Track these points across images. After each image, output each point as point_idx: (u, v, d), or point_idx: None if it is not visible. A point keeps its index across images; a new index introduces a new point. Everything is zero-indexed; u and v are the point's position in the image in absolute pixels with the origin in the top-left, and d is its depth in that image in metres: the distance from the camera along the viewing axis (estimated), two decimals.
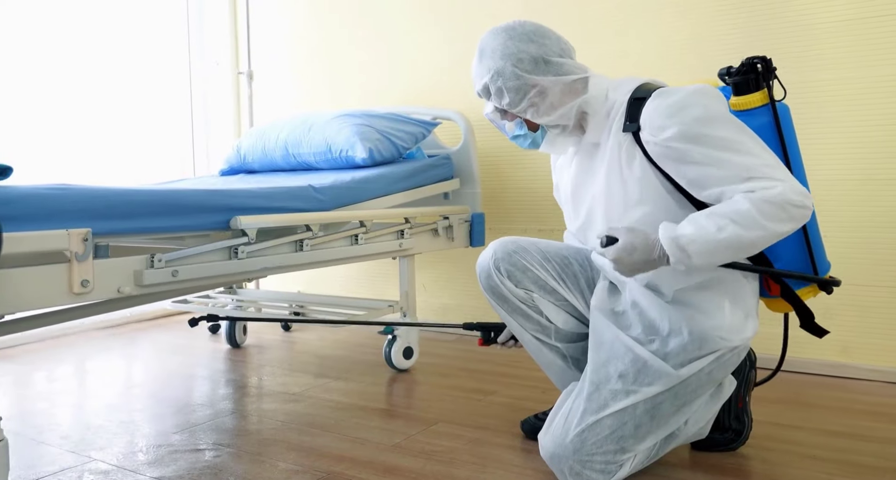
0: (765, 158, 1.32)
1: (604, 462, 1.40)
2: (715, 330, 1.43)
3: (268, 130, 2.59)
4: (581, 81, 1.47)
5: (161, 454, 1.64)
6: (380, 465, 1.57)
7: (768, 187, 1.27)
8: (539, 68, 1.44)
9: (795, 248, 1.49)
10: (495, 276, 1.61)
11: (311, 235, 1.93)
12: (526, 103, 1.46)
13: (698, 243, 1.28)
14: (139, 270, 1.51)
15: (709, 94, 1.37)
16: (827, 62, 2.21)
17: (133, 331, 3.08)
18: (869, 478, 1.48)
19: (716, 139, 1.32)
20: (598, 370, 1.45)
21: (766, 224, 1.26)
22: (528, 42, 1.44)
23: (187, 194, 1.65)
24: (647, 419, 1.42)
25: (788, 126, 1.51)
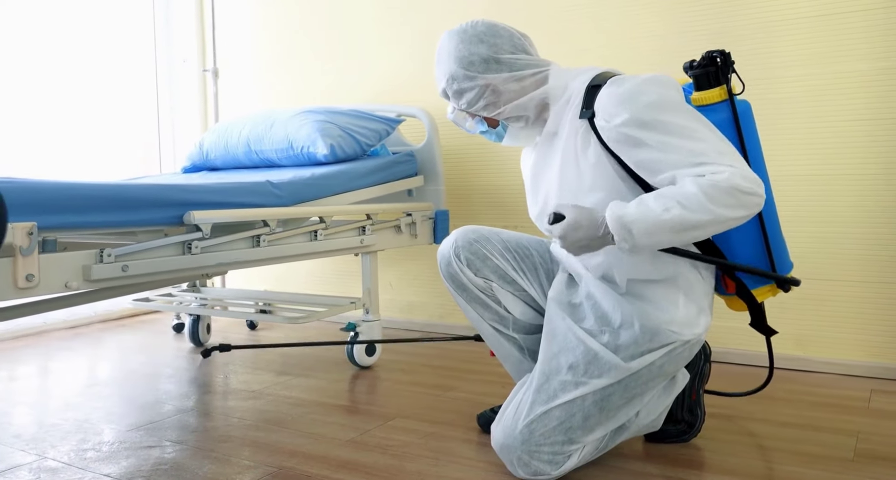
0: (717, 144, 1.32)
1: (551, 453, 1.41)
2: (667, 324, 1.45)
3: (230, 127, 2.57)
4: (539, 74, 1.50)
5: (113, 451, 1.63)
6: (333, 460, 1.56)
7: (717, 171, 1.28)
8: (491, 67, 1.47)
9: (753, 245, 1.50)
10: (455, 263, 1.63)
11: (269, 230, 1.92)
12: (482, 103, 1.50)
13: (642, 223, 1.28)
14: (87, 265, 1.50)
15: (662, 82, 1.38)
16: (789, 59, 2.24)
17: (97, 331, 3.05)
18: (817, 466, 1.50)
19: (667, 125, 1.33)
20: (550, 362, 1.46)
21: (712, 208, 1.26)
22: (479, 43, 1.47)
23: (139, 188, 1.64)
24: (595, 410, 1.43)
25: (749, 122, 1.51)
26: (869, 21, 2.12)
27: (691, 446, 1.63)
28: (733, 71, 1.49)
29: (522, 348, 1.67)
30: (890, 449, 1.60)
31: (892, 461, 1.53)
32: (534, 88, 1.50)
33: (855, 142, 2.16)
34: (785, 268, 1.54)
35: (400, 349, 2.63)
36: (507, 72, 1.47)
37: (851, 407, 1.90)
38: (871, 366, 2.17)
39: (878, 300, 2.17)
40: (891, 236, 2.14)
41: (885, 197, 2.14)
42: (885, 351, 2.16)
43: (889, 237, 2.14)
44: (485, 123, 1.56)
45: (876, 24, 2.12)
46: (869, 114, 2.14)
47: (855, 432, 1.71)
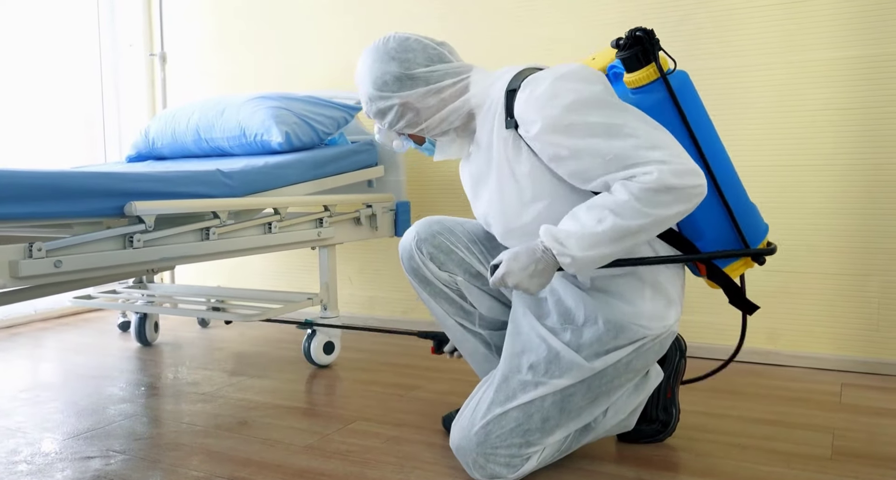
0: (644, 137, 1.22)
1: (508, 456, 1.35)
2: (633, 318, 1.37)
3: (178, 113, 2.43)
4: (459, 84, 1.40)
5: (48, 462, 1.49)
6: (289, 468, 1.46)
7: (647, 172, 1.19)
8: (405, 85, 1.39)
9: (719, 224, 1.42)
10: (417, 257, 1.55)
11: (219, 223, 1.79)
12: (403, 122, 1.43)
13: (577, 238, 1.22)
14: (15, 260, 1.36)
15: (579, 76, 1.28)
16: (755, 47, 2.19)
17: (37, 330, 2.87)
18: (797, 465, 1.45)
19: (588, 126, 1.23)
20: (511, 360, 1.40)
21: (647, 211, 1.20)
22: (390, 61, 1.39)
23: (75, 176, 1.50)
24: (555, 411, 1.36)
25: (689, 95, 1.40)
26: (835, 10, 2.09)
27: (666, 446, 1.57)
28: (660, 48, 1.37)
29: (489, 344, 1.59)
30: (867, 446, 1.56)
31: (870, 458, 1.49)
32: (454, 98, 1.40)
33: (823, 132, 2.13)
34: (758, 237, 1.46)
35: (360, 347, 2.53)
36: (423, 86, 1.39)
37: (824, 402, 1.86)
38: (842, 360, 2.14)
39: (848, 293, 2.14)
40: (860, 227, 2.11)
41: (854, 188, 2.11)
42: (854, 345, 2.14)
43: (858, 229, 2.11)
44: (410, 140, 1.49)
45: (842, 12, 2.08)
46: (836, 103, 2.11)
47: (830, 428, 1.67)
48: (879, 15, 2.04)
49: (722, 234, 1.42)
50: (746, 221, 1.43)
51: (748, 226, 1.43)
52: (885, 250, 2.09)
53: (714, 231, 1.42)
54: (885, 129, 2.06)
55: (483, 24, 2.60)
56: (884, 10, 2.04)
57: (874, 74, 2.06)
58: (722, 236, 1.43)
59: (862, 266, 2.11)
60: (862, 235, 2.11)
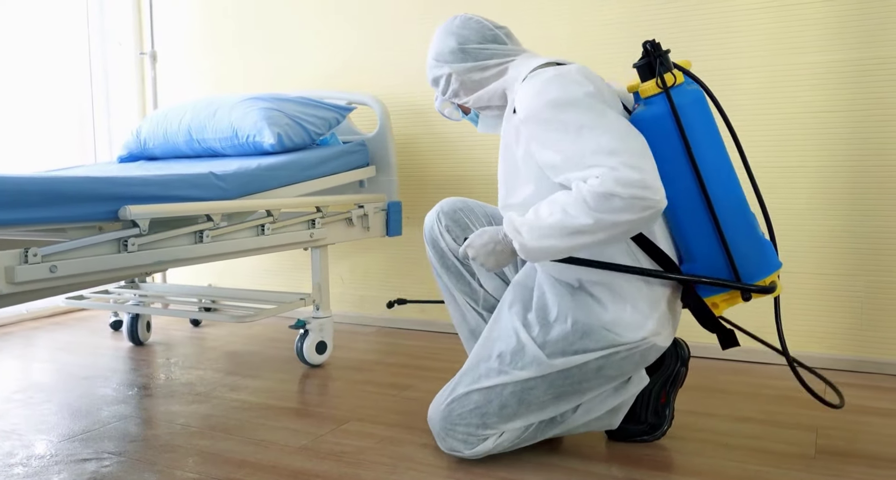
0: (607, 143, 1.26)
1: (465, 434, 1.45)
2: (606, 325, 1.40)
3: (170, 113, 2.43)
4: (502, 65, 1.51)
5: (43, 465, 1.50)
6: (283, 469, 1.47)
7: (598, 175, 1.25)
8: (457, 57, 1.52)
9: (711, 250, 1.38)
10: (436, 228, 1.68)
11: (213, 225, 1.81)
12: (451, 90, 1.56)
13: (529, 227, 1.32)
14: (11, 266, 1.37)
15: (572, 77, 1.35)
16: (743, 49, 2.22)
17: (28, 330, 2.87)
18: (782, 465, 1.48)
19: (563, 123, 1.31)
20: (484, 346, 1.50)
21: (593, 214, 1.25)
22: (449, 35, 1.54)
23: (69, 181, 1.51)
24: (513, 401, 1.43)
25: (696, 113, 1.36)
26: (824, 13, 2.12)
27: (655, 446, 1.60)
28: (663, 62, 1.37)
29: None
30: (848, 444, 1.59)
31: (851, 456, 1.52)
32: (496, 78, 1.52)
33: (809, 133, 2.16)
34: (758, 273, 1.40)
35: (352, 347, 2.55)
36: (472, 61, 1.52)
37: (808, 401, 1.89)
38: (825, 358, 2.18)
39: (832, 292, 2.18)
40: (844, 228, 2.14)
41: (839, 189, 2.14)
42: (837, 343, 2.18)
43: (842, 229, 2.15)
44: (459, 109, 1.62)
45: (830, 16, 2.11)
46: (822, 106, 2.14)
47: (814, 427, 1.70)
48: (864, 20, 2.08)
49: (714, 262, 1.39)
50: (744, 253, 1.38)
51: (745, 259, 1.38)
52: (869, 251, 2.12)
53: (705, 256, 1.39)
54: (870, 131, 2.09)
55: None
56: (869, 15, 2.07)
57: (860, 77, 2.09)
58: (713, 263, 1.39)
59: (847, 266, 2.15)
60: (847, 235, 2.14)
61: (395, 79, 2.76)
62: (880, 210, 2.10)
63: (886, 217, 2.10)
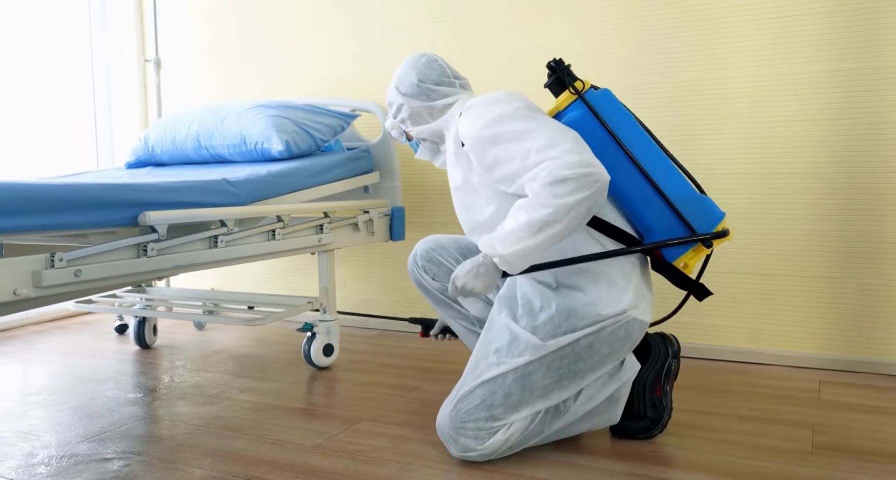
0: (544, 138, 1.43)
1: (475, 429, 1.51)
2: (585, 304, 1.53)
3: (178, 120, 2.47)
4: (444, 105, 1.71)
5: (65, 465, 1.54)
6: (301, 467, 1.52)
7: (542, 169, 1.40)
8: (412, 91, 1.72)
9: (664, 215, 1.56)
10: (416, 270, 1.86)
11: (226, 230, 1.85)
12: (400, 117, 1.76)
13: (501, 238, 1.42)
14: (37, 270, 1.41)
15: (499, 99, 1.54)
16: (736, 60, 2.29)
17: (32, 334, 2.90)
18: (780, 459, 1.55)
19: (502, 134, 1.47)
20: (482, 349, 1.59)
21: (551, 201, 1.38)
22: (412, 69, 1.72)
23: (91, 188, 1.55)
24: (516, 388, 1.51)
25: (611, 107, 1.60)
26: (815, 25, 2.19)
27: (656, 442, 1.66)
28: (570, 74, 1.61)
29: None
30: (844, 440, 1.66)
31: (848, 452, 1.59)
32: (439, 116, 1.72)
33: (802, 141, 2.23)
34: (709, 224, 1.56)
35: (357, 348, 2.59)
36: (424, 99, 1.71)
37: (804, 399, 1.96)
38: (819, 358, 2.25)
39: (825, 295, 2.25)
40: (835, 232, 2.22)
41: (832, 194, 2.21)
42: (830, 343, 2.25)
43: (833, 234, 2.22)
44: (404, 134, 1.80)
45: (821, 27, 2.18)
46: (812, 115, 2.21)
47: (810, 424, 1.77)
48: (854, 32, 2.15)
49: (670, 225, 1.56)
50: (691, 209, 1.55)
51: (694, 214, 1.55)
52: (860, 254, 2.20)
53: (661, 223, 1.56)
54: (861, 138, 2.17)
55: (477, 33, 2.67)
56: (858, 27, 2.14)
57: (850, 87, 2.17)
58: (670, 227, 1.56)
59: (838, 269, 2.22)
60: (839, 239, 2.22)
61: None
62: (871, 215, 2.18)
63: (877, 222, 2.17)
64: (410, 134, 1.78)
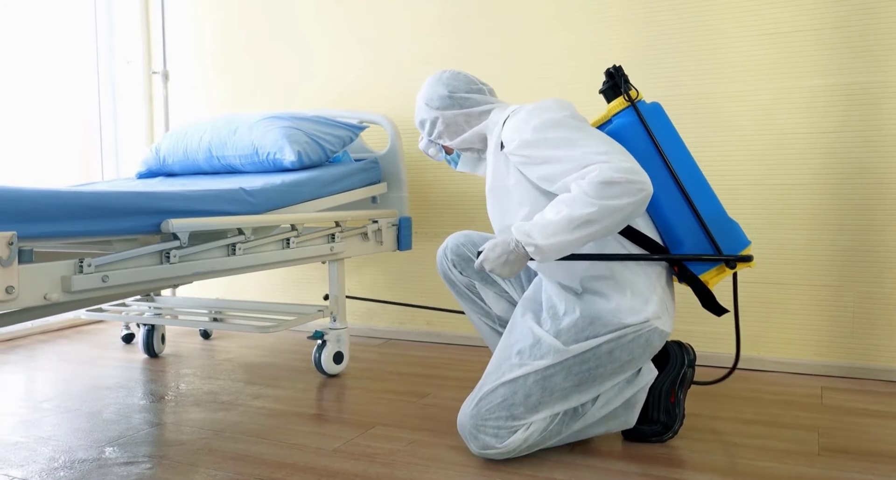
0: (596, 146, 1.49)
1: (496, 427, 1.54)
2: (609, 311, 1.58)
3: (190, 131, 2.51)
4: (483, 112, 1.75)
5: (88, 469, 1.57)
6: (322, 470, 1.55)
7: (592, 169, 1.45)
8: (444, 103, 1.75)
9: (694, 231, 1.62)
10: (444, 262, 1.92)
11: (244, 238, 1.89)
12: (437, 132, 1.79)
13: (539, 227, 1.47)
14: (67, 275, 1.44)
15: (548, 107, 1.59)
16: (738, 74, 2.35)
17: (37, 343, 2.91)
18: (788, 461, 1.59)
19: (551, 140, 1.53)
20: (504, 350, 1.63)
21: (595, 201, 1.43)
22: (439, 84, 1.77)
23: (117, 196, 1.58)
24: (537, 389, 1.55)
25: (660, 120, 1.66)
26: (815, 41, 2.26)
27: (668, 445, 1.69)
28: (627, 80, 1.66)
29: None
30: (850, 443, 1.70)
31: (854, 453, 1.63)
32: (477, 123, 1.75)
33: (802, 153, 2.30)
34: (735, 248, 1.63)
35: (365, 357, 2.62)
36: (458, 108, 1.75)
37: (807, 404, 2.01)
38: (820, 365, 2.30)
39: (825, 303, 2.30)
40: (837, 242, 2.27)
41: (831, 205, 2.27)
42: (831, 350, 2.30)
43: (835, 243, 2.28)
44: (443, 150, 1.83)
45: (821, 43, 2.25)
46: (812, 128, 2.28)
47: (815, 427, 1.81)
48: (854, 49, 2.22)
49: (698, 242, 1.62)
50: (720, 230, 1.62)
51: (722, 235, 1.62)
52: (859, 263, 2.25)
53: (690, 238, 1.62)
54: (859, 150, 2.23)
55: (482, 45, 2.73)
56: (858, 44, 2.21)
57: (850, 101, 2.23)
58: (699, 244, 1.62)
59: (838, 278, 2.28)
60: (838, 249, 2.27)
61: (402, 98, 2.86)
62: (870, 226, 2.24)
63: (876, 232, 2.23)
64: (450, 147, 1.81)
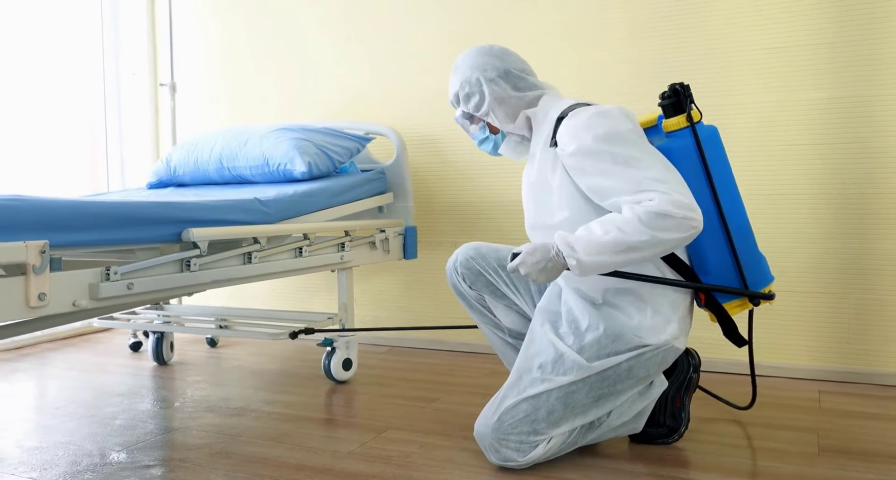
0: (656, 172, 1.47)
1: (518, 442, 1.56)
2: (631, 329, 1.59)
3: (200, 143, 2.56)
4: (535, 96, 1.68)
5: (112, 471, 1.61)
6: (340, 472, 1.60)
7: (650, 198, 1.43)
8: (501, 78, 1.67)
9: (723, 262, 1.63)
10: (454, 276, 1.89)
11: (259, 247, 1.94)
12: (486, 108, 1.69)
13: (584, 242, 1.45)
14: (94, 283, 1.49)
15: (612, 115, 1.54)
16: (740, 87, 2.43)
17: (46, 351, 2.94)
18: (790, 461, 1.64)
19: (612, 155, 1.49)
20: (524, 362, 1.63)
21: (647, 231, 1.42)
22: (494, 57, 1.68)
23: (139, 206, 1.63)
24: (559, 406, 1.56)
25: (714, 146, 1.64)
26: (815, 55, 2.33)
27: (673, 446, 1.75)
28: (691, 101, 1.63)
29: (517, 350, 1.84)
30: (849, 444, 1.76)
31: (853, 454, 1.69)
32: (527, 106, 1.69)
33: (801, 164, 2.37)
34: (760, 283, 1.67)
35: (371, 364, 2.67)
36: (512, 88, 1.67)
37: (805, 407, 2.07)
38: (817, 370, 2.37)
39: (822, 309, 2.37)
40: (833, 250, 2.34)
41: (829, 215, 2.34)
42: (828, 356, 2.36)
43: (832, 252, 2.34)
44: (487, 129, 1.73)
45: (821, 58, 2.33)
46: (812, 139, 2.35)
47: (814, 429, 1.87)
48: (850, 63, 2.30)
49: (726, 273, 1.64)
50: (750, 265, 1.64)
51: (751, 270, 1.64)
52: (855, 271, 2.32)
53: (719, 269, 1.64)
54: (856, 161, 2.31)
55: None
56: (854, 59, 2.29)
57: (847, 113, 2.31)
58: (726, 275, 1.64)
59: (835, 285, 2.35)
60: (835, 257, 2.34)
61: (407, 110, 2.92)
62: (866, 234, 2.31)
63: (872, 240, 2.30)
64: (496, 127, 1.71)
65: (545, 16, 2.70)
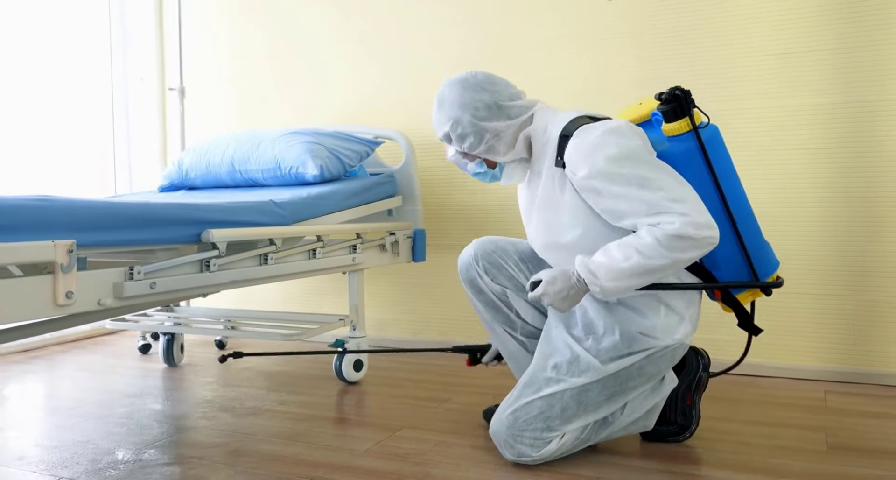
0: (670, 191, 1.48)
1: (532, 438, 1.60)
2: (646, 330, 1.62)
3: (212, 146, 2.59)
4: (528, 117, 1.66)
5: (132, 469, 1.63)
6: (358, 469, 1.62)
7: (670, 221, 1.45)
8: (493, 114, 1.62)
9: (735, 258, 1.68)
10: (474, 270, 1.83)
11: (275, 249, 1.96)
12: (484, 146, 1.65)
13: (606, 269, 1.48)
14: (119, 282, 1.52)
15: (623, 132, 1.53)
16: (747, 93, 2.47)
17: (55, 354, 2.96)
18: (799, 458, 1.67)
19: (626, 176, 1.49)
20: (540, 361, 1.67)
21: (668, 254, 1.45)
22: (482, 91, 1.62)
23: (160, 207, 1.66)
24: (573, 404, 1.61)
25: (717, 146, 1.66)
26: (819, 61, 2.37)
27: (684, 444, 1.78)
28: (694, 105, 1.65)
29: (528, 349, 1.85)
30: (856, 442, 1.79)
31: (861, 451, 1.72)
32: (522, 129, 1.66)
33: (807, 168, 2.41)
34: (768, 271, 1.72)
35: (381, 365, 2.70)
36: (506, 119, 1.63)
37: (812, 407, 2.10)
38: (822, 370, 2.40)
39: (827, 311, 2.40)
40: (838, 253, 2.38)
41: (834, 218, 2.38)
42: (833, 356, 2.40)
43: (837, 254, 2.38)
44: (484, 164, 1.70)
45: (825, 64, 2.37)
46: (818, 144, 2.39)
47: (822, 428, 1.90)
48: (854, 69, 2.34)
49: (737, 267, 1.69)
50: (759, 257, 1.69)
51: (760, 261, 1.69)
52: (860, 273, 2.36)
53: (730, 265, 1.68)
54: (862, 166, 2.35)
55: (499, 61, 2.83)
56: (858, 64, 2.33)
57: (851, 118, 2.35)
58: (736, 268, 1.69)
59: (840, 287, 2.38)
60: (840, 260, 2.38)
61: (416, 114, 2.95)
62: (870, 237, 2.35)
63: (875, 243, 2.34)
64: (494, 160, 1.68)
65: (553, 22, 2.74)
